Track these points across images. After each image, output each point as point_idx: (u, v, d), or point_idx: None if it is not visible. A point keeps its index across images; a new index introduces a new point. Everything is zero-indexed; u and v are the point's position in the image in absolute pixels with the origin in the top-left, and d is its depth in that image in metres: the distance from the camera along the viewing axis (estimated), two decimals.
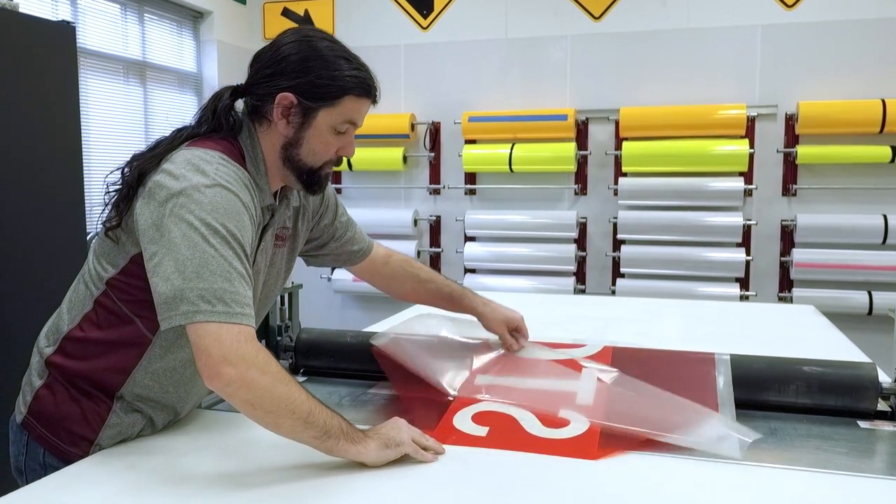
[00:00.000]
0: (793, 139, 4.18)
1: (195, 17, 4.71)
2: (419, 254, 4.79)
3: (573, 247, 4.47)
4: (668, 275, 4.30)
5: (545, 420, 1.37)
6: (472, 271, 4.70)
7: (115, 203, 1.25)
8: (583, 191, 4.54)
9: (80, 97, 2.96)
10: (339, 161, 1.34)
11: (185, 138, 1.27)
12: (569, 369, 1.55)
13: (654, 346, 1.77)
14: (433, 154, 4.76)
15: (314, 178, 1.32)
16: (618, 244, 4.43)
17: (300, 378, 1.73)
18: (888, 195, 4.07)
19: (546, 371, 1.56)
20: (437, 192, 4.81)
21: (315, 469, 1.18)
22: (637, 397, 1.44)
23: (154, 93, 4.39)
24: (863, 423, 1.43)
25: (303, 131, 1.26)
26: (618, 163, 4.38)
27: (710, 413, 1.38)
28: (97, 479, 1.15)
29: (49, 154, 2.80)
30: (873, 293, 4.04)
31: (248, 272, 1.17)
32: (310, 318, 2.31)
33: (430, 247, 4.85)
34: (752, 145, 4.16)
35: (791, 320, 2.56)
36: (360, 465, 1.17)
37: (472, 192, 4.74)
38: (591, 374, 1.51)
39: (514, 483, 1.16)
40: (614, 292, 4.39)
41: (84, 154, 3.04)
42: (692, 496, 1.11)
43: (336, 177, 4.94)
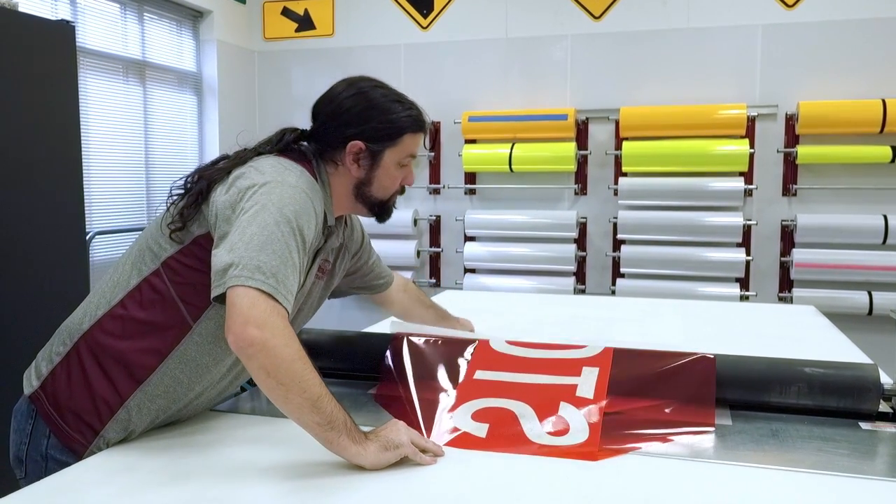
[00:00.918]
0: (793, 139, 4.18)
1: (195, 16, 4.70)
2: (419, 254, 4.79)
3: (573, 247, 4.46)
4: (669, 275, 4.29)
5: (545, 415, 1.36)
6: (472, 271, 4.70)
7: (181, 209, 1.32)
8: (583, 191, 4.53)
9: (79, 96, 2.96)
10: (402, 190, 1.49)
11: (252, 154, 1.37)
12: (568, 371, 1.55)
13: (655, 346, 1.77)
14: (433, 154, 4.76)
15: (385, 209, 1.48)
16: (618, 244, 4.43)
17: None
18: (888, 195, 4.07)
19: (545, 367, 1.55)
20: (436, 191, 4.81)
21: (316, 470, 1.18)
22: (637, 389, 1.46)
23: (154, 92, 4.39)
24: (864, 425, 1.42)
25: (373, 171, 1.41)
26: (618, 162, 4.37)
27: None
28: (97, 480, 1.15)
29: (48, 153, 2.80)
30: (873, 293, 4.03)
31: (301, 268, 1.24)
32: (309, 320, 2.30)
33: (430, 247, 4.84)
34: (752, 145, 4.16)
35: (791, 320, 2.56)
36: (361, 468, 1.17)
37: (471, 191, 4.74)
38: (591, 374, 1.51)
39: (513, 485, 1.15)
40: (614, 292, 4.38)
41: (84, 154, 3.04)
42: (694, 497, 1.11)
43: None
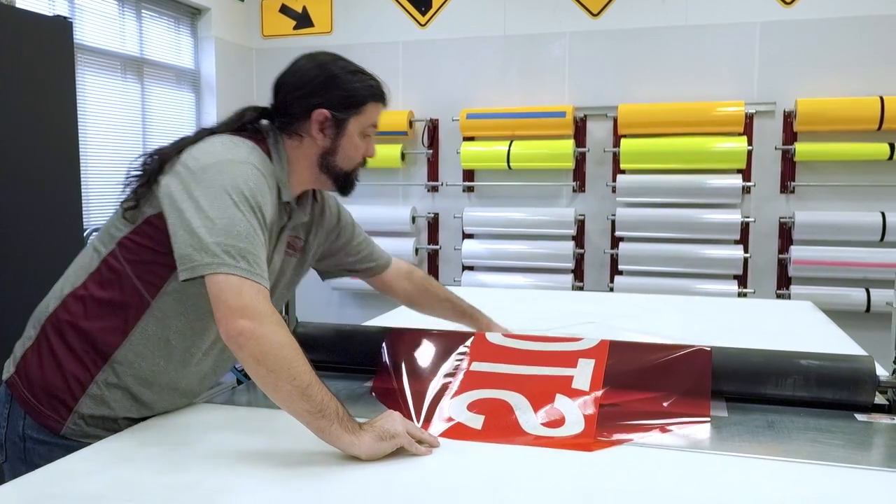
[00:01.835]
0: (791, 136, 4.18)
1: (193, 13, 4.70)
2: (417, 251, 4.79)
3: (571, 244, 4.46)
4: (667, 272, 4.30)
5: (540, 406, 1.36)
6: (471, 268, 4.70)
7: (135, 189, 1.33)
8: (581, 188, 4.53)
9: (77, 93, 2.96)
10: (364, 163, 1.50)
11: (206, 134, 1.38)
12: (564, 363, 1.55)
13: (652, 340, 1.77)
14: (431, 151, 4.76)
15: (349, 181, 1.49)
16: (616, 241, 4.43)
17: None
18: (886, 192, 4.07)
19: (541, 359, 1.56)
20: (435, 189, 4.81)
21: (312, 461, 1.18)
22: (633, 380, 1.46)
23: (151, 89, 4.38)
24: (860, 416, 1.43)
25: (338, 140, 1.42)
26: (616, 160, 4.37)
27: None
28: (92, 470, 1.15)
29: (46, 150, 2.80)
30: (871, 290, 4.03)
31: (266, 244, 1.26)
32: (307, 316, 2.29)
33: (428, 244, 4.84)
34: (750, 142, 4.16)
35: (789, 316, 2.56)
36: (356, 459, 1.17)
37: (470, 189, 4.74)
38: (587, 366, 1.51)
39: (509, 476, 1.15)
40: (612, 289, 4.38)
41: (81, 150, 3.04)
42: (689, 488, 1.11)
43: None
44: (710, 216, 4.21)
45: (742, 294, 4.20)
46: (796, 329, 2.34)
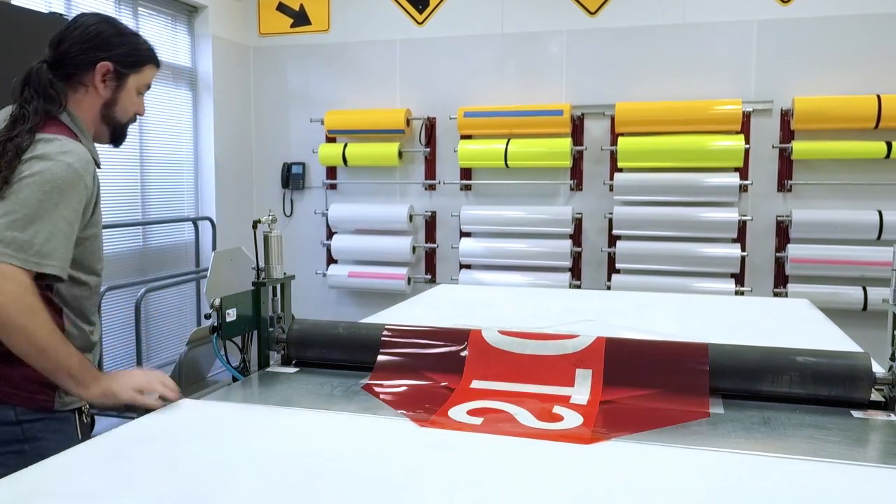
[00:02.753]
0: (788, 135, 4.18)
1: (190, 11, 4.69)
2: (414, 249, 4.78)
3: (568, 242, 4.46)
4: (664, 270, 4.29)
5: (540, 415, 1.36)
6: (468, 267, 4.69)
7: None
8: (578, 186, 4.53)
9: None
10: (135, 119, 1.68)
11: (30, 127, 1.49)
12: (562, 377, 1.54)
13: (648, 337, 1.76)
14: (428, 149, 4.75)
15: (122, 133, 1.67)
16: (613, 240, 4.43)
17: (292, 369, 1.72)
18: (883, 191, 4.08)
19: (539, 372, 1.55)
20: (432, 187, 4.80)
21: (304, 454, 1.17)
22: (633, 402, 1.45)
23: None
24: (856, 413, 1.42)
25: (118, 93, 1.59)
26: (613, 158, 4.37)
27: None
28: (84, 467, 1.14)
29: None
30: (868, 289, 4.03)
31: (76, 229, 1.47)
32: (304, 314, 2.29)
33: (426, 242, 4.84)
34: (747, 141, 4.16)
35: (785, 314, 2.56)
36: (352, 450, 1.16)
37: (467, 187, 4.73)
38: (584, 382, 1.51)
39: (503, 468, 1.15)
40: (609, 288, 4.38)
41: None
42: (685, 483, 1.11)
43: (331, 172, 4.94)
44: (707, 214, 4.21)
45: (739, 292, 4.19)
46: (793, 326, 2.33)
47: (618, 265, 4.38)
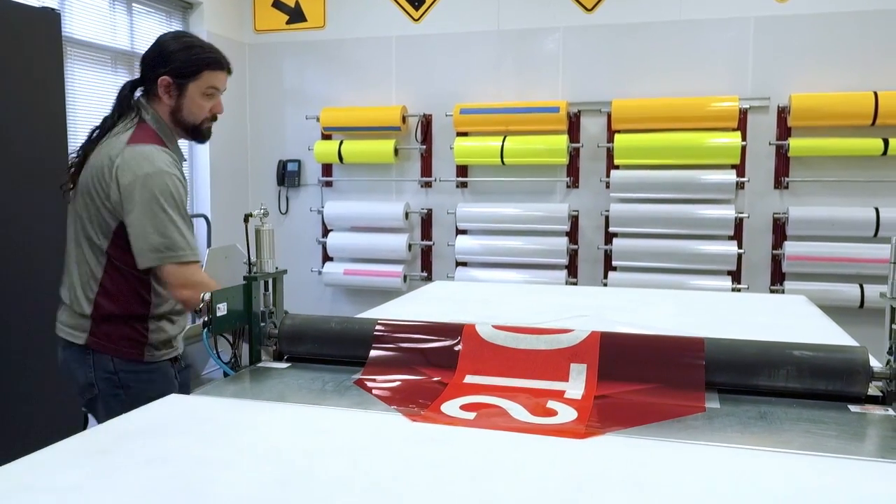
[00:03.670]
0: (785, 132, 4.17)
1: (184, 7, 4.67)
2: (410, 247, 4.77)
3: (565, 240, 4.45)
4: (660, 268, 4.29)
5: (533, 410, 1.35)
6: (464, 264, 4.68)
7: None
8: (575, 183, 4.52)
9: (65, 86, 2.92)
10: (214, 118, 1.98)
11: (108, 129, 1.87)
12: (556, 371, 1.53)
13: (644, 332, 1.74)
14: (424, 146, 4.73)
15: (198, 132, 1.96)
16: (610, 237, 4.42)
17: (284, 364, 1.70)
18: (880, 188, 4.07)
19: (533, 367, 1.53)
20: (428, 184, 4.78)
21: (294, 449, 1.16)
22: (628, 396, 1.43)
23: None
24: (853, 408, 1.41)
25: (181, 100, 1.87)
26: (610, 155, 4.36)
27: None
28: (69, 461, 1.12)
29: (34, 143, 2.77)
30: (865, 286, 4.03)
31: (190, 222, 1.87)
32: (300, 312, 2.27)
33: (422, 240, 4.82)
34: (744, 138, 4.15)
35: (782, 309, 2.55)
36: (343, 445, 1.14)
37: (463, 184, 4.72)
38: (579, 377, 1.49)
39: (495, 463, 1.13)
40: (606, 285, 4.37)
41: (71, 143, 3.01)
42: (681, 477, 1.09)
43: (327, 169, 4.92)
44: (703, 212, 4.20)
45: (736, 289, 4.19)
46: (790, 322, 2.32)
47: (614, 262, 4.37)
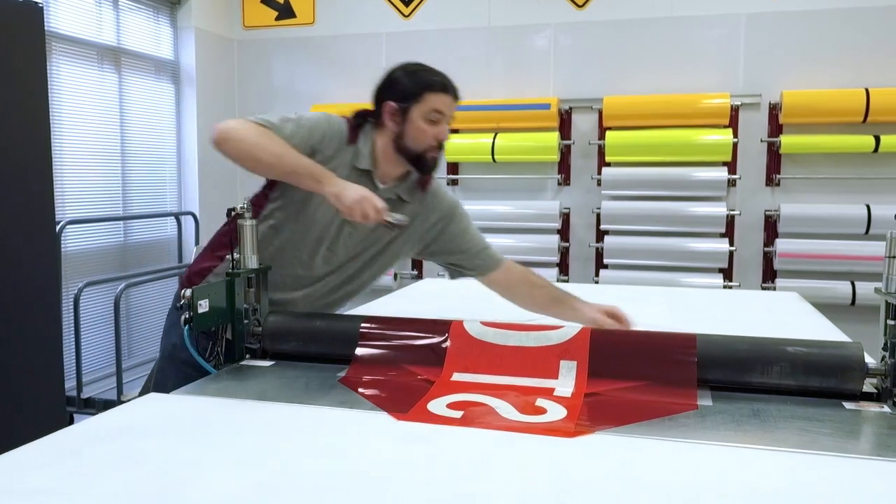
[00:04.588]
0: (776, 129, 4.16)
1: (172, 3, 4.62)
2: None
3: (556, 237, 4.42)
4: (652, 265, 4.26)
5: (522, 408, 1.32)
6: None
7: None
8: (566, 181, 4.49)
9: (50, 82, 2.88)
10: (440, 145, 1.80)
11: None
12: (546, 368, 1.50)
13: (636, 328, 1.72)
14: None
15: (422, 161, 1.80)
16: (601, 235, 4.39)
17: (267, 362, 1.66)
18: (872, 185, 4.06)
19: (522, 364, 1.50)
20: None
21: (276, 452, 1.12)
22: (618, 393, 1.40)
23: (129, 80, 4.30)
24: (848, 405, 1.38)
25: (404, 126, 1.77)
26: (601, 152, 4.33)
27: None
28: (41, 463, 1.08)
29: (15, 139, 2.72)
30: (856, 283, 4.02)
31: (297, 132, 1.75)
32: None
33: None
34: (735, 135, 4.13)
35: (774, 306, 2.53)
36: (327, 444, 1.11)
37: (454, 182, 4.69)
38: (569, 374, 1.46)
39: (484, 462, 1.10)
40: (597, 283, 4.34)
41: (56, 140, 2.96)
42: (673, 476, 1.06)
43: None
44: (695, 209, 4.18)
45: (727, 287, 4.17)
46: (782, 319, 2.30)
47: (606, 260, 4.34)
